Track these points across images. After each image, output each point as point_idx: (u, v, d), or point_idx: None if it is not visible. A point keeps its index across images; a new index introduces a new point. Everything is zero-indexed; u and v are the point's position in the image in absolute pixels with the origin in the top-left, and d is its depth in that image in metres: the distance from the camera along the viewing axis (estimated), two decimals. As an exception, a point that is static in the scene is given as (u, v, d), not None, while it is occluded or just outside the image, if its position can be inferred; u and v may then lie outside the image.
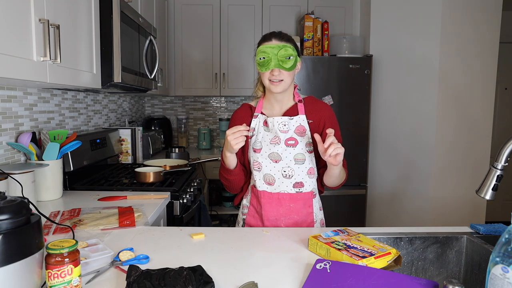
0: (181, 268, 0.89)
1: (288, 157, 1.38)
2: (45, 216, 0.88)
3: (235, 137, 1.27)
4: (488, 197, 1.10)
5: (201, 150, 3.53)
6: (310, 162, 1.40)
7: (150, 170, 1.96)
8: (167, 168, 2.13)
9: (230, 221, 3.61)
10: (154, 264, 1.00)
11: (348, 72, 2.89)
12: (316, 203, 1.46)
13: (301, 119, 1.40)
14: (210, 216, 2.74)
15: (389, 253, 1.00)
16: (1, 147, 1.50)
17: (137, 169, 1.97)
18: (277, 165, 1.39)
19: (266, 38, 1.38)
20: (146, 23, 2.19)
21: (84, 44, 1.54)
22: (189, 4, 3.32)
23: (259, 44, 1.38)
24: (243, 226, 1.49)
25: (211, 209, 3.34)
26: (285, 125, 1.39)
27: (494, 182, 1.08)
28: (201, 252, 1.09)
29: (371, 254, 0.98)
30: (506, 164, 1.07)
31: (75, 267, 0.78)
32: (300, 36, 3.13)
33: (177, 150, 2.72)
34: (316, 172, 1.44)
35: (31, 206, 0.77)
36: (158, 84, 2.69)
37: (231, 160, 1.39)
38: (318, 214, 1.47)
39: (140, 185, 1.86)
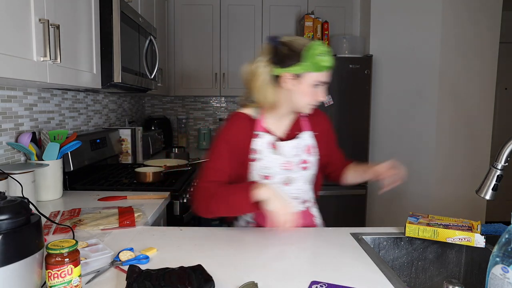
0: (181, 268, 0.89)
1: (301, 179, 1.30)
2: (45, 216, 0.88)
3: (287, 217, 1.10)
4: (488, 197, 1.10)
5: (201, 150, 3.52)
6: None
7: (150, 170, 1.96)
8: (167, 168, 2.13)
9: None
10: (154, 264, 1.00)
11: (348, 72, 2.89)
12: (316, 209, 1.44)
13: (308, 137, 1.31)
14: (210, 216, 2.74)
15: (472, 224, 1.18)
16: (1, 147, 1.50)
17: (137, 169, 1.97)
18: (288, 188, 1.29)
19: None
20: (146, 23, 2.19)
21: (84, 44, 1.54)
22: (189, 4, 3.32)
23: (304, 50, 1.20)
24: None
25: (211, 209, 3.33)
26: (297, 148, 1.28)
27: (494, 182, 1.08)
28: (201, 252, 1.09)
29: (469, 228, 1.15)
30: (506, 164, 1.07)
31: (75, 267, 0.78)
32: (300, 36, 3.13)
33: (177, 150, 2.72)
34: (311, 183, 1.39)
35: (31, 206, 0.77)
36: (158, 84, 2.69)
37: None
38: (318, 217, 1.46)
39: (140, 185, 1.86)
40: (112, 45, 1.72)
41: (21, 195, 0.83)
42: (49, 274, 0.76)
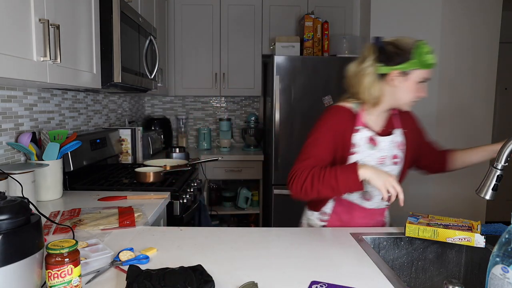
0: (181, 268, 0.89)
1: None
2: (45, 216, 0.88)
3: (396, 186, 1.12)
4: (488, 197, 1.10)
5: (201, 150, 3.52)
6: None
7: (150, 170, 1.96)
8: (167, 168, 2.13)
9: (230, 221, 3.61)
10: (154, 264, 1.00)
11: (348, 72, 2.88)
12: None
13: (400, 134, 1.37)
14: (210, 216, 2.74)
15: (472, 224, 1.19)
16: (1, 147, 1.51)
17: (137, 169, 1.97)
18: None
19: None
20: (146, 23, 2.19)
21: (84, 44, 1.54)
22: (189, 4, 3.32)
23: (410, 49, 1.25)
24: None
25: (211, 209, 3.33)
26: (392, 143, 1.34)
27: (494, 182, 1.08)
28: (201, 252, 1.09)
29: (469, 228, 1.15)
30: (506, 164, 1.07)
31: (75, 267, 0.78)
32: (300, 36, 3.13)
33: (177, 150, 2.72)
34: None
35: (31, 206, 0.77)
36: (158, 84, 2.69)
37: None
38: (388, 216, 1.50)
39: (140, 185, 1.86)
40: (112, 45, 1.72)
41: (21, 195, 0.83)
42: (49, 274, 0.76)
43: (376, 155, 1.31)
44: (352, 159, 1.30)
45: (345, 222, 1.40)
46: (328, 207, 1.41)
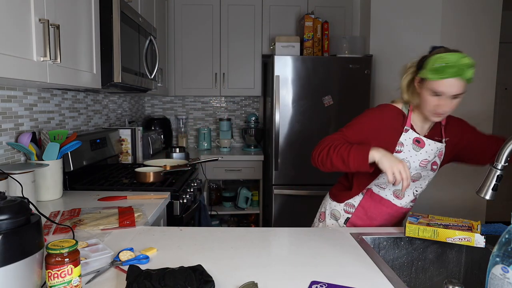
0: (181, 268, 0.89)
1: (426, 179, 1.39)
2: (45, 216, 0.88)
3: (403, 172, 1.13)
4: (488, 197, 1.10)
5: (201, 150, 3.53)
6: None
7: (150, 170, 1.96)
8: (167, 168, 2.13)
9: (230, 221, 3.61)
10: (154, 264, 1.00)
11: (348, 72, 2.89)
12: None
13: (443, 143, 1.38)
14: (210, 216, 2.75)
15: (472, 224, 1.19)
16: (1, 147, 1.51)
17: (137, 169, 1.97)
18: (412, 184, 1.38)
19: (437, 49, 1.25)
20: (146, 23, 2.19)
21: (84, 44, 1.54)
22: (189, 4, 3.32)
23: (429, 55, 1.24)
24: (345, 223, 1.48)
25: (211, 209, 3.34)
26: (437, 149, 1.35)
27: (494, 182, 1.08)
28: (201, 252, 1.09)
29: (469, 228, 1.15)
30: (506, 164, 1.07)
31: (75, 267, 0.78)
32: (300, 36, 3.13)
33: (177, 150, 2.72)
34: None
35: (31, 206, 0.77)
36: (158, 84, 2.69)
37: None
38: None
39: (140, 185, 1.86)
40: (112, 45, 1.72)
41: (21, 195, 0.83)
42: (49, 274, 0.76)
43: (419, 156, 1.33)
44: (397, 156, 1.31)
45: (370, 217, 1.44)
46: (356, 200, 1.45)
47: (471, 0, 2.88)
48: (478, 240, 1.12)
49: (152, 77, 2.31)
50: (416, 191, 1.43)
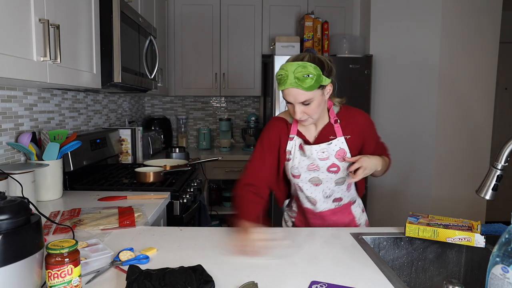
0: (181, 268, 0.89)
1: (329, 181, 1.37)
2: (45, 216, 0.88)
3: (257, 247, 1.07)
4: (488, 197, 1.10)
5: (201, 150, 3.53)
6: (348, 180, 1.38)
7: (150, 170, 1.96)
8: (167, 168, 2.13)
9: (230, 221, 3.60)
10: (154, 264, 1.00)
11: (348, 72, 2.89)
12: (357, 207, 1.49)
13: (340, 142, 1.34)
14: (210, 216, 2.74)
15: (472, 224, 1.19)
16: (1, 147, 1.50)
17: (137, 169, 1.97)
18: (318, 188, 1.38)
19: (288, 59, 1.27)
20: (146, 23, 2.19)
21: (84, 44, 1.54)
22: (189, 4, 3.32)
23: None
24: (292, 226, 1.52)
25: (211, 209, 3.34)
26: (323, 152, 1.33)
27: (494, 182, 1.08)
28: (201, 252, 1.09)
29: (469, 228, 1.15)
30: (506, 164, 1.07)
31: (75, 267, 0.78)
32: (300, 36, 3.13)
33: (177, 150, 2.72)
34: (353, 184, 1.45)
35: (31, 206, 0.77)
36: (158, 84, 2.69)
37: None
38: (361, 216, 1.50)
39: (140, 185, 1.86)
40: (112, 45, 1.72)
41: (21, 195, 0.83)
42: (49, 274, 0.76)
43: (306, 162, 1.34)
44: (288, 165, 1.37)
45: (304, 221, 1.47)
46: (294, 205, 1.51)
47: (471, 0, 2.88)
48: (478, 240, 1.12)
49: (152, 77, 2.31)
50: (325, 192, 1.39)
